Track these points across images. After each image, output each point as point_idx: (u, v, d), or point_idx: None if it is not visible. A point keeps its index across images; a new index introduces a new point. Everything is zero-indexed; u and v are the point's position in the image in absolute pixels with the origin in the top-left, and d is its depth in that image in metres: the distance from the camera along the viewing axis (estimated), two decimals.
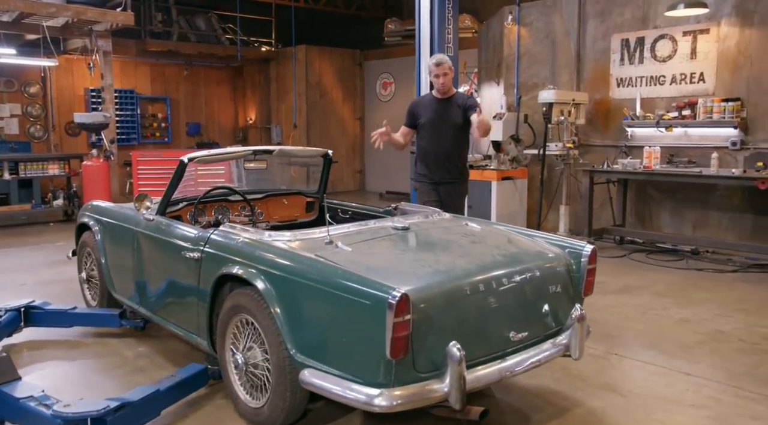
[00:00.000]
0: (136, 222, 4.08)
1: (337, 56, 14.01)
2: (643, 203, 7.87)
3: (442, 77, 4.69)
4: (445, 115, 4.76)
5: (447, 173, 4.81)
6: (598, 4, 8.10)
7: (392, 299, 2.37)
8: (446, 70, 4.68)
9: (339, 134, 14.08)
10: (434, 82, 4.74)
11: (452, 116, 4.75)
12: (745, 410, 3.31)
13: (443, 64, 4.67)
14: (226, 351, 3.26)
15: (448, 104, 4.79)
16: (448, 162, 4.81)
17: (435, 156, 4.81)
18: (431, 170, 4.83)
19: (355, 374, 2.54)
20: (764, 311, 5.10)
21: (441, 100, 4.82)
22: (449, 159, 4.81)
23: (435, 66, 4.69)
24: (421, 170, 4.93)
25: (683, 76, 7.34)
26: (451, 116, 4.75)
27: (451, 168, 4.82)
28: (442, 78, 4.70)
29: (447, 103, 4.80)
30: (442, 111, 4.77)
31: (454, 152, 4.83)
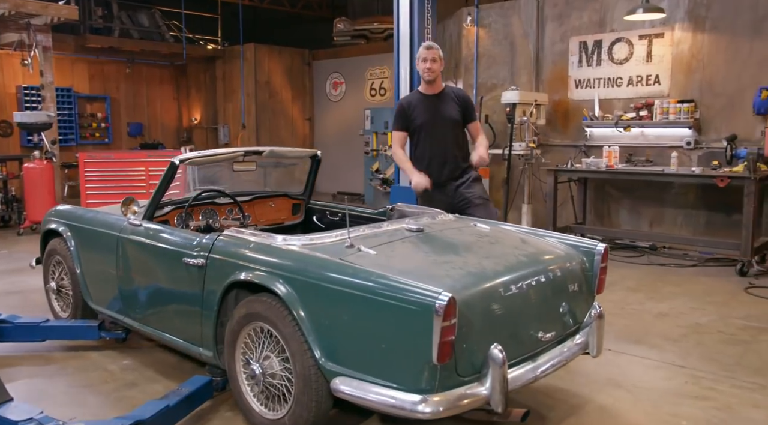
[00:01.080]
0: (119, 228, 3.86)
1: (286, 55, 13.78)
2: (602, 201, 8.11)
3: (430, 62, 4.33)
4: (441, 113, 4.42)
5: (450, 173, 4.44)
6: (556, 7, 8.29)
7: (440, 303, 2.31)
8: (435, 56, 4.36)
9: (289, 134, 13.86)
10: (421, 67, 4.38)
11: (448, 112, 4.42)
12: (745, 399, 3.44)
13: (433, 49, 4.38)
14: (236, 361, 3.11)
15: (441, 100, 4.44)
16: (453, 161, 4.44)
17: (437, 159, 4.43)
18: (435, 173, 4.39)
19: (394, 381, 2.47)
20: (732, 302, 5.33)
21: (432, 97, 4.45)
22: (453, 159, 4.44)
23: (425, 49, 4.38)
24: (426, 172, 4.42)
25: (639, 78, 7.61)
26: (448, 113, 4.42)
27: (453, 167, 4.45)
28: (429, 63, 4.33)
29: (439, 100, 4.44)
30: (437, 109, 4.42)
31: (457, 151, 4.47)
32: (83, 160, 9.08)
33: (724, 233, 7.02)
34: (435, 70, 4.38)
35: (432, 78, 4.40)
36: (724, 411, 3.30)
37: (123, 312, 3.90)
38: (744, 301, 5.39)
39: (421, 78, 4.46)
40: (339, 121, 13.71)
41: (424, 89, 4.51)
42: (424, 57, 4.38)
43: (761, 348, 4.24)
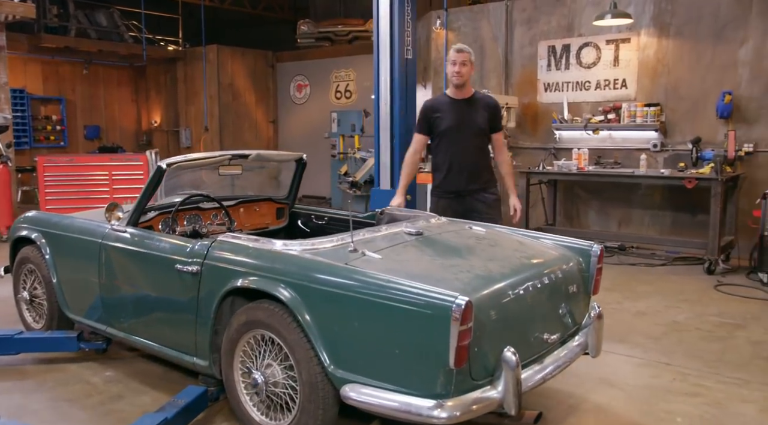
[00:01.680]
0: (101, 234, 3.72)
1: (250, 57, 13.60)
2: (572, 202, 8.25)
3: (459, 66, 4.14)
4: (469, 119, 4.23)
5: (471, 182, 4.28)
6: (524, 11, 8.41)
7: (457, 307, 2.30)
8: (466, 59, 4.16)
9: (252, 137, 13.67)
10: (449, 71, 4.22)
11: (476, 119, 4.24)
12: (732, 395, 3.54)
13: (464, 52, 4.17)
14: (235, 370, 3.03)
15: (470, 106, 4.26)
16: (475, 171, 4.28)
17: (458, 169, 4.26)
18: (454, 181, 4.28)
19: (408, 386, 2.44)
20: (705, 300, 5.49)
21: (461, 101, 4.25)
22: (476, 168, 4.28)
23: (456, 52, 4.18)
24: (441, 181, 4.35)
25: (607, 82, 7.78)
26: (475, 120, 4.24)
27: (475, 177, 4.29)
28: (458, 66, 4.14)
29: (468, 105, 4.26)
30: (465, 114, 4.23)
31: (481, 160, 4.30)
32: (42, 164, 8.75)
33: (689, 233, 7.23)
34: (464, 74, 4.19)
35: (461, 82, 4.21)
36: (714, 407, 3.38)
37: (106, 322, 3.76)
38: (715, 298, 5.55)
39: (450, 82, 4.31)
40: (304, 123, 13.59)
41: (453, 93, 4.31)
42: (453, 60, 4.19)
43: (739, 344, 4.38)
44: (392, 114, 5.41)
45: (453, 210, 4.20)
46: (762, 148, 6.81)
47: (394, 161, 5.48)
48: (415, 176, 4.77)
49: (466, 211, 4.21)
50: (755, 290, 5.75)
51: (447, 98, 4.33)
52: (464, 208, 4.25)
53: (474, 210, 4.24)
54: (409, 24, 5.37)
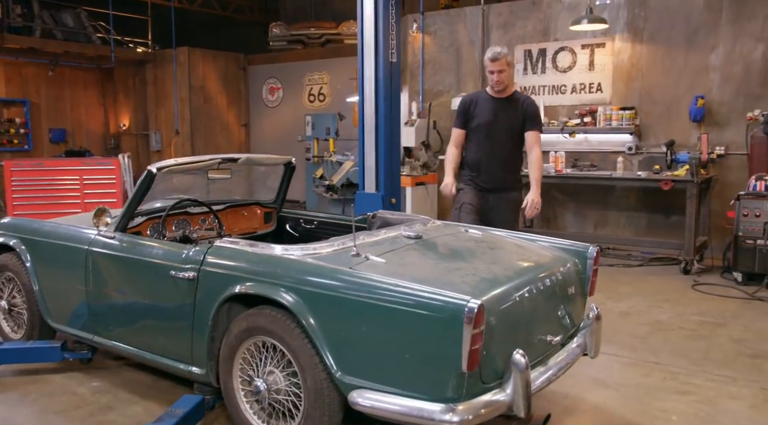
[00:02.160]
0: (88, 241, 3.61)
1: (221, 60, 13.42)
2: (549, 205, 8.34)
3: (497, 74, 4.18)
4: (504, 117, 4.26)
5: (500, 181, 4.34)
6: (501, 16, 8.49)
7: (470, 310, 2.29)
8: (503, 65, 4.18)
9: (224, 141, 13.50)
10: (489, 78, 4.27)
11: (512, 119, 4.27)
12: (722, 392, 3.61)
13: (500, 60, 4.17)
14: (234, 378, 2.98)
15: (508, 105, 4.28)
16: (503, 171, 4.32)
17: (489, 165, 4.29)
18: (482, 177, 4.33)
19: (418, 391, 2.42)
20: (684, 299, 5.61)
21: (499, 99, 4.29)
22: (505, 167, 4.32)
23: (491, 61, 4.19)
24: (470, 174, 4.42)
25: (583, 86, 7.90)
26: (511, 119, 4.27)
27: (505, 177, 4.33)
28: (497, 75, 4.18)
29: (506, 104, 4.28)
30: (501, 113, 4.26)
31: (511, 160, 4.35)
32: (9, 168, 8.50)
33: (663, 234, 7.38)
34: (504, 80, 4.23)
35: (502, 88, 4.28)
36: (707, 405, 3.45)
37: (93, 330, 3.66)
38: (693, 298, 5.68)
39: (491, 88, 4.33)
40: (276, 127, 13.48)
41: (492, 91, 4.36)
42: (491, 69, 4.21)
43: (721, 342, 4.48)
44: (377, 117, 5.39)
45: (476, 203, 4.27)
46: (732, 151, 7.00)
47: (379, 163, 5.46)
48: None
49: (488, 209, 4.29)
50: (731, 289, 5.89)
51: (486, 95, 4.37)
52: (487, 205, 4.30)
53: (495, 209, 4.29)
54: (394, 27, 5.37)
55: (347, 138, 11.60)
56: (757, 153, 6.49)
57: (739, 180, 6.90)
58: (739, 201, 6.04)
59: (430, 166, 8.79)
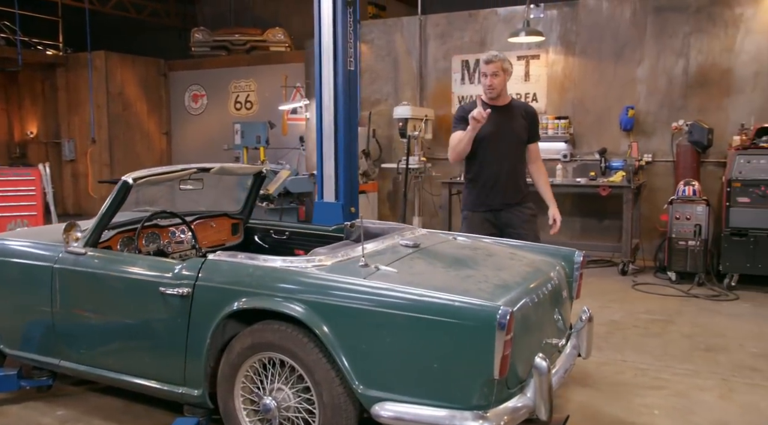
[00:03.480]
0: (53, 258, 3.34)
1: (141, 65, 12.84)
2: None
3: (491, 78, 3.89)
4: (506, 127, 3.98)
5: (509, 196, 4.06)
6: (438, 26, 8.65)
7: (502, 317, 2.31)
8: (497, 68, 3.88)
9: (145, 149, 12.90)
10: (482, 83, 3.97)
11: (515, 128, 4.02)
12: (690, 385, 3.83)
13: (494, 62, 3.88)
14: (235, 397, 2.85)
15: (507, 114, 4.00)
16: (512, 184, 4.04)
17: (495, 180, 4.02)
18: (489, 195, 4.04)
19: (448, 400, 2.41)
20: (629, 299, 5.92)
21: (498, 108, 3.97)
22: (511, 179, 4.04)
23: (485, 63, 3.92)
24: (475, 195, 4.11)
25: (519, 95, 8.18)
26: (514, 129, 4.01)
27: (515, 190, 4.06)
28: (489, 79, 3.90)
29: (505, 113, 3.99)
30: (502, 123, 3.96)
31: (517, 171, 4.08)
32: None
33: (597, 237, 7.77)
34: (497, 85, 3.92)
35: (494, 95, 3.97)
36: (681, 398, 3.65)
37: (58, 355, 3.38)
38: (637, 297, 6.00)
39: (483, 94, 4.00)
40: (201, 135, 13.04)
41: (489, 100, 4.01)
42: (484, 72, 3.94)
43: (675, 339, 4.75)
44: (336, 125, 5.34)
45: (489, 225, 4.04)
46: (659, 158, 7.47)
47: (339, 171, 5.41)
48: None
49: (503, 226, 4.07)
50: (667, 288, 6.27)
51: (483, 104, 3.95)
52: (501, 222, 4.08)
53: (510, 226, 4.06)
54: (352, 36, 5.35)
55: (277, 147, 11.44)
56: (683, 160, 6.96)
57: (665, 186, 7.38)
58: (672, 205, 6.46)
59: (370, 174, 8.80)
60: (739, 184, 6.04)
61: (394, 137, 8.85)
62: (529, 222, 4.14)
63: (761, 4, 6.95)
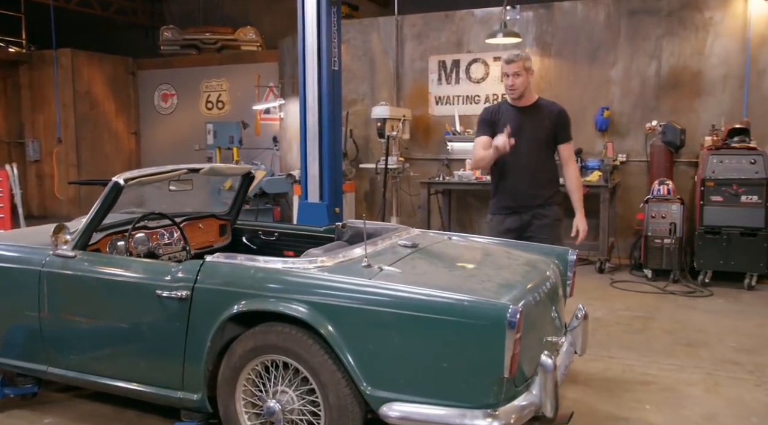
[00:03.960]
0: (40, 261, 3.24)
1: (108, 63, 12.57)
2: (464, 210, 8.63)
3: (512, 78, 3.79)
4: (531, 129, 3.85)
5: (529, 199, 3.94)
6: (414, 27, 8.68)
7: (512, 315, 2.33)
8: (519, 68, 3.78)
9: (113, 149, 12.64)
10: (504, 83, 3.89)
11: (538, 130, 3.87)
12: (677, 380, 3.92)
13: (515, 62, 3.78)
14: (237, 401, 2.81)
15: (533, 115, 3.89)
16: (534, 187, 3.92)
17: (516, 183, 3.93)
18: (509, 198, 3.97)
19: (456, 399, 2.42)
20: (608, 296, 6.03)
21: (522, 109, 3.90)
22: (535, 183, 3.92)
23: (505, 63, 3.82)
24: (496, 198, 4.05)
25: (495, 96, 8.26)
26: (537, 131, 3.87)
27: (536, 193, 3.93)
28: (511, 79, 3.80)
29: (531, 114, 3.89)
30: (527, 124, 3.86)
31: (542, 174, 3.95)
32: None
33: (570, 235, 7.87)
34: (518, 86, 3.82)
35: (517, 96, 3.87)
36: (669, 392, 3.73)
37: (47, 361, 3.28)
38: (616, 295, 6.11)
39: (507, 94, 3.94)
40: (171, 135, 12.84)
41: (513, 101, 3.95)
42: (505, 72, 3.84)
43: (657, 335, 4.85)
44: (321, 125, 5.30)
45: (507, 227, 3.96)
46: (633, 158, 7.62)
47: (323, 172, 5.37)
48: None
49: (522, 228, 3.95)
50: (644, 285, 6.41)
51: (507, 106, 3.96)
52: (520, 225, 3.96)
53: (529, 230, 3.94)
54: (335, 35, 5.32)
55: (250, 147, 11.32)
56: (657, 160, 7.12)
57: (639, 185, 7.55)
58: (648, 204, 6.60)
59: (347, 174, 8.77)
60: (712, 183, 6.21)
61: (371, 137, 8.85)
62: (550, 228, 3.95)
63: (729, 9, 7.15)
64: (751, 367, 4.13)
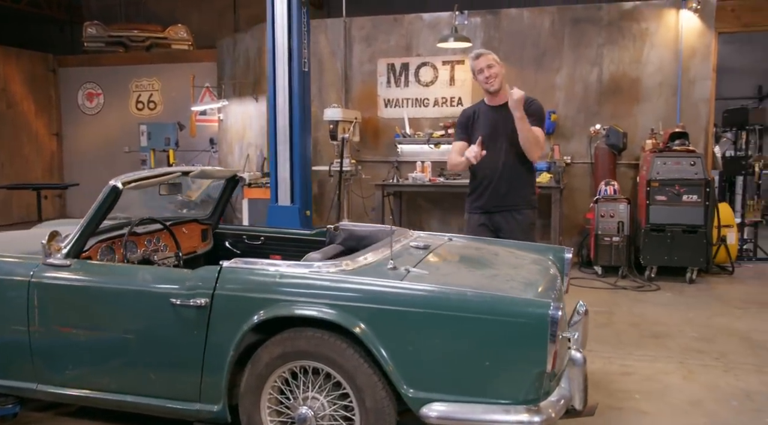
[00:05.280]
0: (28, 271, 3.03)
1: (25, 59, 11.79)
2: (414, 212, 8.73)
3: (487, 70, 3.84)
4: (504, 127, 3.89)
5: (504, 199, 3.99)
6: (363, 29, 8.69)
7: (554, 312, 2.40)
8: (490, 61, 3.84)
9: (33, 152, 11.87)
10: (479, 80, 3.92)
11: (513, 128, 3.86)
12: (655, 370, 4.15)
13: (485, 55, 3.86)
14: (262, 410, 2.74)
15: (507, 113, 3.89)
16: (508, 187, 3.97)
17: (489, 180, 3.99)
18: (484, 197, 4.03)
19: (497, 396, 2.47)
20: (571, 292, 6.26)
21: (497, 108, 3.95)
22: (509, 183, 3.97)
23: (475, 59, 3.86)
24: (472, 197, 4.12)
25: (444, 99, 8.42)
26: (512, 129, 3.87)
27: (509, 195, 3.98)
28: (486, 71, 3.84)
29: (507, 113, 3.90)
30: (500, 123, 3.90)
31: (516, 175, 3.98)
32: None
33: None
34: (495, 76, 3.89)
35: (498, 87, 3.92)
36: (651, 382, 3.94)
37: (35, 379, 3.06)
38: (572, 291, 6.20)
39: (484, 91, 4.00)
40: (97, 137, 12.21)
41: (489, 100, 4.03)
42: (480, 68, 3.87)
43: (624, 328, 5.11)
44: (292, 128, 5.22)
45: (485, 228, 4.02)
46: (577, 160, 7.97)
47: (294, 175, 5.29)
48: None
49: (496, 229, 4.03)
50: (595, 281, 6.73)
51: (485, 106, 4.04)
52: (495, 226, 4.04)
53: (503, 230, 4.01)
54: (306, 36, 5.25)
55: (186, 149, 10.97)
56: (602, 162, 7.49)
57: (583, 186, 7.91)
58: (597, 204, 6.93)
59: None
60: (657, 184, 6.60)
61: (320, 139, 8.77)
62: (525, 230, 4.03)
63: (663, 21, 7.63)
64: (716, 354, 4.44)
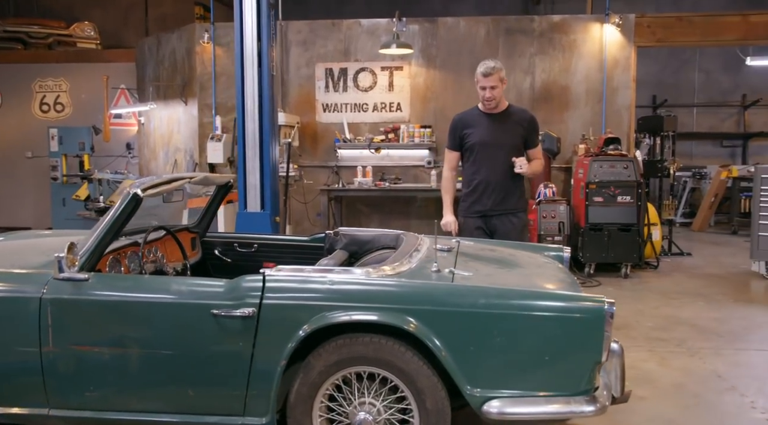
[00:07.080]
0: (39, 286, 2.78)
1: None
2: (354, 217, 8.75)
3: (489, 91, 3.92)
4: (500, 134, 4.00)
5: (500, 203, 4.07)
6: (300, 33, 8.61)
7: (609, 307, 2.56)
8: (495, 81, 3.90)
9: None
10: (480, 94, 4.00)
11: (509, 135, 4.01)
12: (631, 358, 4.25)
13: (492, 75, 3.89)
14: (314, 419, 2.69)
15: (504, 121, 4.02)
16: (503, 192, 4.06)
17: (486, 185, 4.05)
18: (481, 201, 4.09)
19: (556, 388, 2.58)
20: None
21: (492, 115, 4.06)
22: (504, 188, 4.06)
23: (482, 76, 3.91)
24: (469, 201, 4.16)
25: (384, 104, 8.52)
26: (508, 136, 4.01)
27: (506, 199, 4.08)
28: (488, 91, 3.92)
29: (502, 120, 4.02)
30: (496, 130, 4.00)
31: (511, 180, 4.06)
32: None
33: None
34: (496, 96, 3.97)
35: (493, 105, 4.03)
36: (633, 369, 4.18)
37: (47, 403, 2.81)
38: None
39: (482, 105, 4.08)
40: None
41: (484, 107, 4.10)
42: (483, 85, 3.94)
43: None
44: (261, 133, 5.09)
45: (481, 231, 4.10)
46: None
47: (264, 181, 5.16)
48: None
49: (492, 232, 4.12)
50: None
51: (478, 112, 4.13)
52: (490, 229, 4.12)
53: (499, 233, 4.08)
54: (274, 39, 5.15)
55: (101, 154, 10.36)
56: None
57: None
58: (540, 206, 7.29)
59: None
60: (594, 186, 7.06)
61: None
62: (520, 232, 4.15)
63: (589, 33, 8.18)
64: (676, 342, 4.83)
